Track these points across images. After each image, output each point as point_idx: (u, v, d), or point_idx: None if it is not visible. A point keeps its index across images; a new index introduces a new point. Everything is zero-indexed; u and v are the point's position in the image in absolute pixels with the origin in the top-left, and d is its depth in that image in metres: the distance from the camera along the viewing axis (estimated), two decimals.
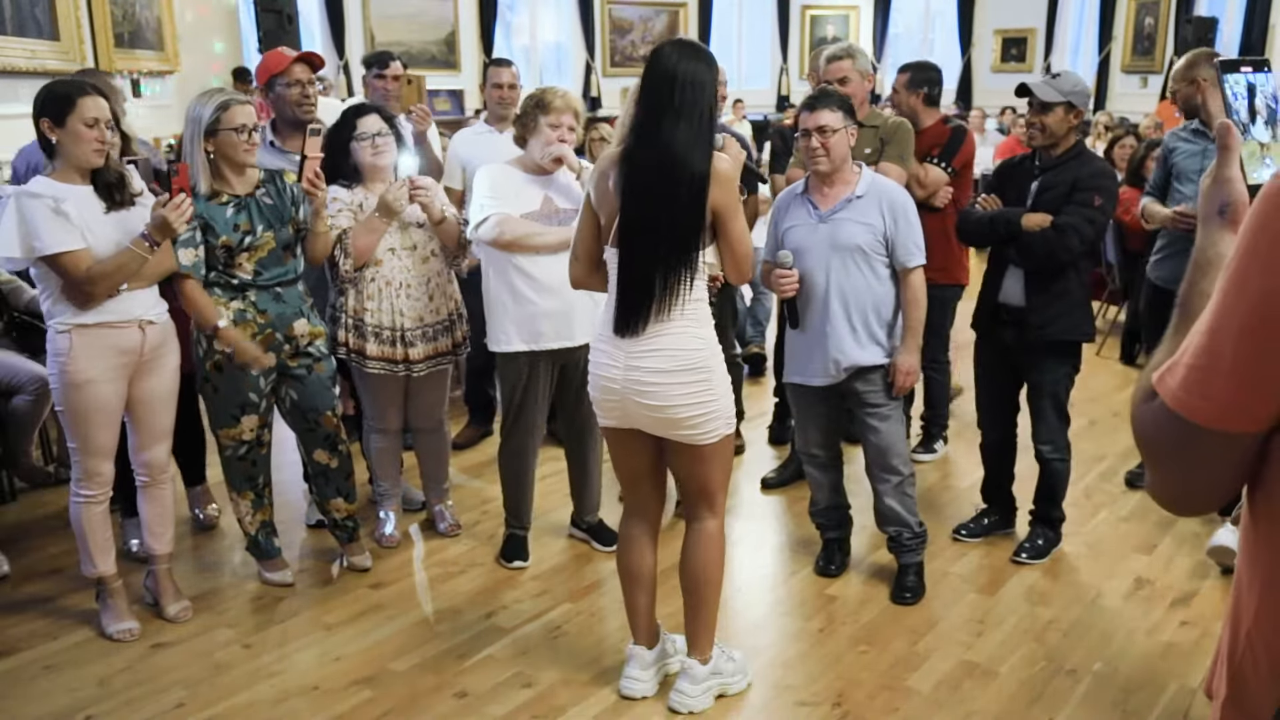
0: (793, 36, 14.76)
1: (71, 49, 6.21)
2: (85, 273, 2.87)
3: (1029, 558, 3.61)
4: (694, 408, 2.58)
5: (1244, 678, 1.07)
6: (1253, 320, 0.92)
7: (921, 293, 3.26)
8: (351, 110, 3.58)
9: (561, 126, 3.30)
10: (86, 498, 3.08)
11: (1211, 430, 0.97)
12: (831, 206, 3.23)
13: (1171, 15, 11.72)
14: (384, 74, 4.28)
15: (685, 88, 2.48)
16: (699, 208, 2.51)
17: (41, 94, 2.90)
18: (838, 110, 3.16)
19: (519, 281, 3.32)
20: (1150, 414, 1.02)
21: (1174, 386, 0.98)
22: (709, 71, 2.52)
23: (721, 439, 2.66)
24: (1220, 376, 0.95)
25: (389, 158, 3.49)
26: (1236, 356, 0.94)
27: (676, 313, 2.55)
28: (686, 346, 2.57)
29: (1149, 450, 1.05)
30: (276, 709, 2.81)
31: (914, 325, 3.26)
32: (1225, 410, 0.96)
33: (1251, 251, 0.92)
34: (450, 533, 3.84)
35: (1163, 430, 1.01)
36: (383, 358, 3.49)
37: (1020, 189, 3.45)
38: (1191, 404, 0.97)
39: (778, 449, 4.70)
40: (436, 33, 12.43)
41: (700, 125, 2.50)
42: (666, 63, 2.50)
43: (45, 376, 3.15)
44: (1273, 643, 1.04)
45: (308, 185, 3.25)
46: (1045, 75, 3.43)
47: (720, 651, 2.84)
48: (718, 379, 2.62)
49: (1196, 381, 0.96)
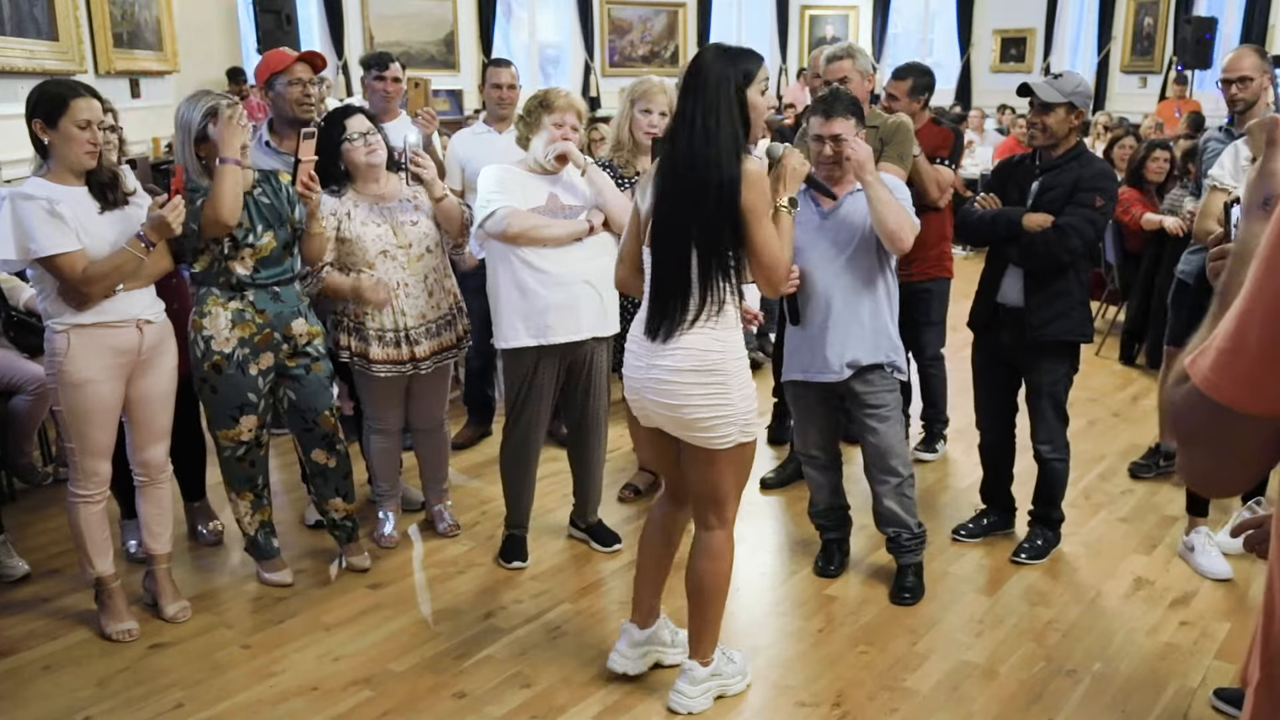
0: (792, 37, 14.76)
1: (70, 49, 6.20)
2: (81, 274, 2.86)
3: (1028, 558, 3.61)
4: (707, 410, 2.57)
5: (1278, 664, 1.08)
6: (1276, 302, 0.94)
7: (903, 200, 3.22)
8: (338, 112, 3.56)
9: (565, 125, 3.31)
10: (84, 498, 3.08)
11: (1239, 413, 0.99)
12: (834, 204, 3.23)
13: (1171, 15, 11.71)
14: (383, 75, 4.28)
15: (711, 89, 2.49)
16: (729, 209, 2.49)
17: (34, 95, 2.90)
18: (851, 118, 3.16)
19: (526, 275, 3.31)
20: (1182, 396, 1.04)
21: (1205, 369, 1.00)
22: (737, 71, 2.51)
23: (735, 446, 2.62)
24: (1247, 360, 0.97)
25: (381, 156, 3.49)
26: (1262, 340, 0.95)
27: (704, 315, 2.54)
28: (705, 348, 2.56)
29: (1180, 431, 1.07)
30: (276, 709, 2.81)
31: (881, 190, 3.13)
32: (1252, 393, 0.98)
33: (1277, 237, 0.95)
34: (449, 533, 3.84)
35: (1194, 412, 1.03)
36: (389, 360, 3.49)
37: (1021, 188, 3.45)
38: (1221, 386, 0.99)
39: (777, 449, 4.70)
40: (435, 33, 12.42)
41: (723, 125, 2.48)
42: (698, 63, 2.55)
43: (44, 376, 3.14)
44: None
45: (302, 189, 3.24)
46: (1047, 75, 3.42)
47: (721, 653, 2.83)
48: (735, 384, 2.59)
49: (1225, 365, 0.98)
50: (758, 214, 2.50)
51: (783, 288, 2.61)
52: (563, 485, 3.87)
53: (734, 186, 2.48)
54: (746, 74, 2.53)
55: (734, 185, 2.48)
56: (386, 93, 4.26)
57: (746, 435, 2.65)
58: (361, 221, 3.45)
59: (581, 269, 3.30)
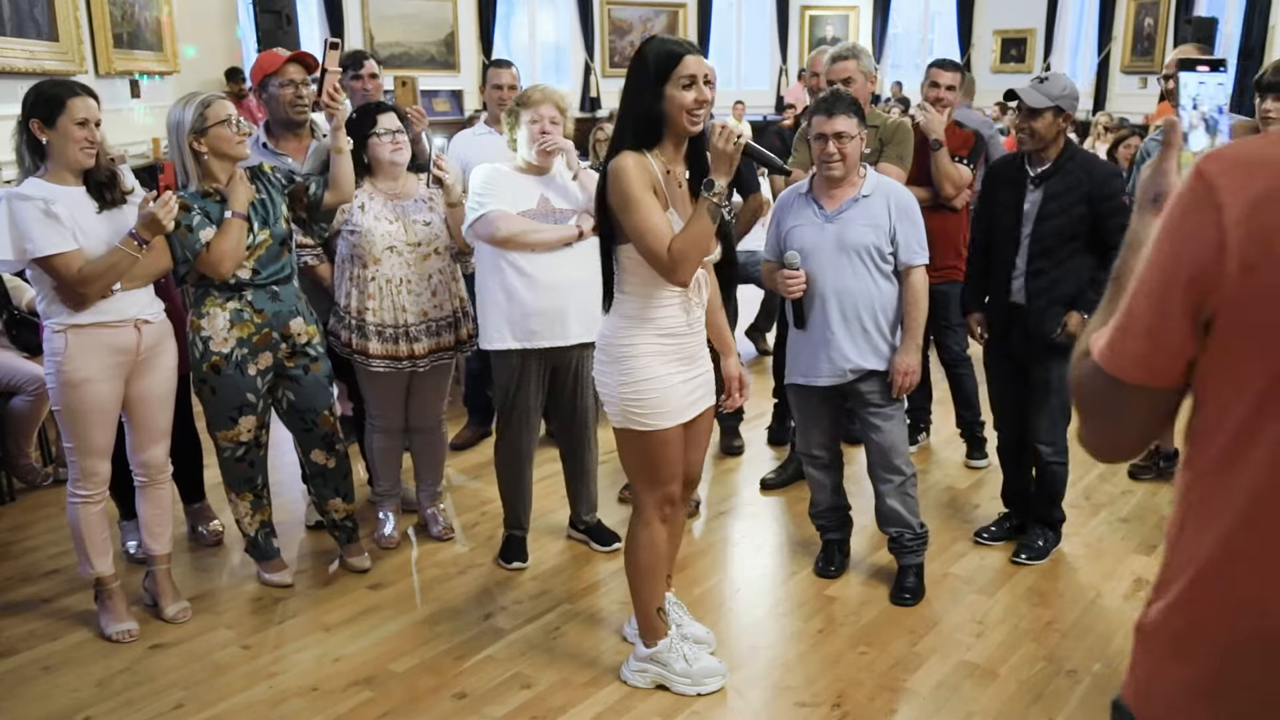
0: (792, 37, 14.77)
1: (70, 50, 6.21)
2: (77, 273, 2.86)
3: (1029, 558, 3.61)
4: (601, 385, 2.73)
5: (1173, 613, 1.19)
6: (1159, 285, 1.08)
7: (923, 293, 3.26)
8: (373, 106, 3.61)
9: (543, 119, 3.29)
10: (83, 498, 3.08)
11: (1131, 385, 1.12)
12: (838, 207, 3.23)
13: (1171, 15, 11.72)
14: (359, 74, 4.25)
15: (627, 84, 2.59)
16: (601, 204, 2.62)
17: (30, 95, 2.89)
18: (853, 117, 3.16)
19: (513, 279, 3.31)
20: (1083, 370, 1.17)
21: (1102, 346, 1.14)
22: (637, 63, 2.56)
23: (625, 430, 2.71)
24: (1135, 336, 1.10)
25: (405, 155, 3.52)
26: (1146, 317, 1.09)
27: (611, 301, 2.69)
28: (607, 330, 2.71)
29: (1081, 402, 1.20)
30: (275, 710, 2.80)
31: (914, 326, 3.25)
32: (1140, 367, 1.11)
33: (1164, 226, 1.09)
34: (443, 536, 3.83)
35: (1093, 384, 1.16)
36: (386, 355, 3.49)
37: (1017, 189, 3.43)
38: (1114, 361, 1.12)
39: (777, 450, 4.70)
40: (435, 33, 12.43)
41: (618, 122, 2.62)
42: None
43: (44, 377, 3.14)
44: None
45: (327, 99, 3.27)
46: (1033, 79, 3.41)
47: (677, 648, 2.87)
48: (618, 370, 2.65)
49: (1118, 340, 1.12)
50: (623, 208, 2.51)
51: (688, 282, 2.56)
52: (561, 486, 3.87)
53: (604, 182, 2.57)
54: (657, 71, 2.52)
55: (604, 181, 2.57)
56: (365, 91, 4.25)
57: (634, 424, 2.67)
58: (375, 216, 3.46)
59: (570, 274, 3.29)
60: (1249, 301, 1.03)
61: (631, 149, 2.54)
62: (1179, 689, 1.16)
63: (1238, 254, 1.02)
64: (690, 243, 2.48)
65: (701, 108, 2.53)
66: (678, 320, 2.65)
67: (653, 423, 2.66)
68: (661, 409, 2.65)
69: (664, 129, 2.55)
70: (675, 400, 2.67)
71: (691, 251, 2.49)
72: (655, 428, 2.67)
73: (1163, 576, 1.20)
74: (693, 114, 2.52)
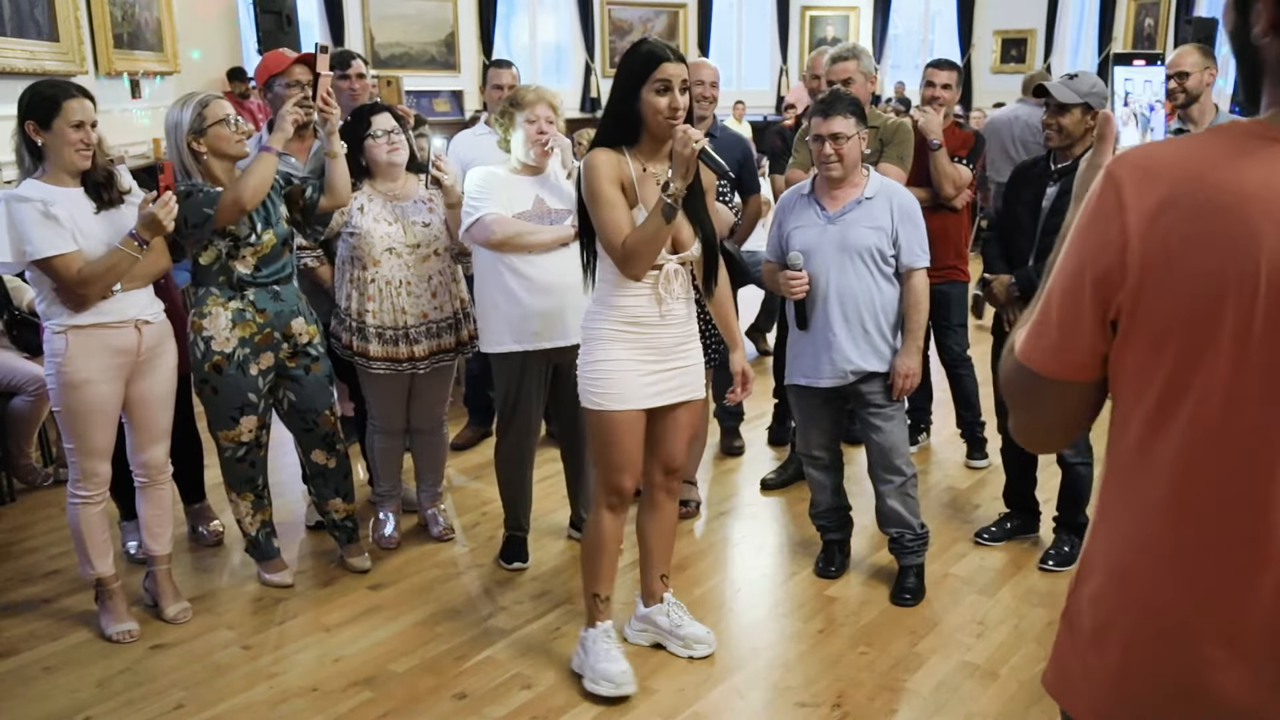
0: (792, 37, 14.76)
1: (71, 50, 6.21)
2: (77, 274, 2.86)
3: (1056, 564, 3.57)
4: (579, 362, 2.81)
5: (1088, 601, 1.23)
6: (1070, 282, 1.10)
7: (924, 295, 3.26)
8: (366, 108, 3.60)
9: (539, 119, 3.31)
10: (83, 498, 3.08)
11: (1049, 379, 1.15)
12: (840, 208, 3.23)
13: (1171, 16, 11.71)
14: (346, 74, 4.25)
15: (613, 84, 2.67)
16: (579, 196, 2.71)
17: (25, 96, 2.89)
18: (851, 116, 3.16)
19: (511, 281, 3.31)
20: (1008, 364, 1.20)
21: (1022, 341, 1.17)
22: (622, 63, 2.63)
23: (589, 409, 2.77)
24: (1050, 331, 1.13)
25: (403, 155, 3.52)
26: (1059, 313, 1.12)
27: (595, 284, 2.78)
28: (587, 311, 2.81)
29: (1007, 396, 1.22)
30: (276, 710, 2.80)
31: (915, 328, 3.26)
32: (1055, 361, 1.13)
33: (1077, 226, 1.11)
34: (444, 536, 3.83)
35: (1016, 378, 1.19)
36: (386, 358, 3.49)
37: (1037, 190, 3.44)
38: (1033, 356, 1.15)
39: (777, 450, 4.70)
40: (436, 34, 12.42)
41: (600, 120, 2.72)
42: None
43: (44, 377, 3.14)
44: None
45: (321, 104, 3.27)
46: (1063, 76, 3.43)
47: (597, 644, 2.88)
48: (586, 350, 2.76)
49: (1034, 336, 1.15)
50: (589, 202, 2.64)
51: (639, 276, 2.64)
52: (562, 487, 3.87)
53: (580, 176, 2.66)
54: (637, 73, 2.59)
55: (580, 175, 2.66)
56: (352, 90, 4.24)
57: (590, 402, 2.76)
58: (374, 218, 3.46)
59: (568, 274, 3.28)
60: (1149, 302, 1.06)
61: (608, 146, 2.65)
62: (1096, 677, 1.18)
63: (1139, 255, 1.05)
64: (642, 240, 2.58)
65: (675, 114, 2.57)
66: (647, 311, 2.71)
67: (604, 403, 2.73)
68: (612, 390, 2.72)
69: (641, 129, 2.63)
70: (628, 384, 2.72)
71: (643, 248, 2.59)
72: (605, 408, 2.74)
73: (1083, 566, 1.22)
74: (666, 119, 2.58)
